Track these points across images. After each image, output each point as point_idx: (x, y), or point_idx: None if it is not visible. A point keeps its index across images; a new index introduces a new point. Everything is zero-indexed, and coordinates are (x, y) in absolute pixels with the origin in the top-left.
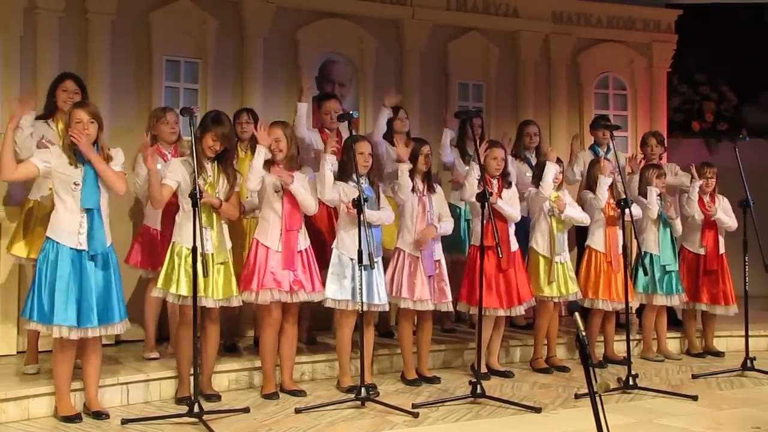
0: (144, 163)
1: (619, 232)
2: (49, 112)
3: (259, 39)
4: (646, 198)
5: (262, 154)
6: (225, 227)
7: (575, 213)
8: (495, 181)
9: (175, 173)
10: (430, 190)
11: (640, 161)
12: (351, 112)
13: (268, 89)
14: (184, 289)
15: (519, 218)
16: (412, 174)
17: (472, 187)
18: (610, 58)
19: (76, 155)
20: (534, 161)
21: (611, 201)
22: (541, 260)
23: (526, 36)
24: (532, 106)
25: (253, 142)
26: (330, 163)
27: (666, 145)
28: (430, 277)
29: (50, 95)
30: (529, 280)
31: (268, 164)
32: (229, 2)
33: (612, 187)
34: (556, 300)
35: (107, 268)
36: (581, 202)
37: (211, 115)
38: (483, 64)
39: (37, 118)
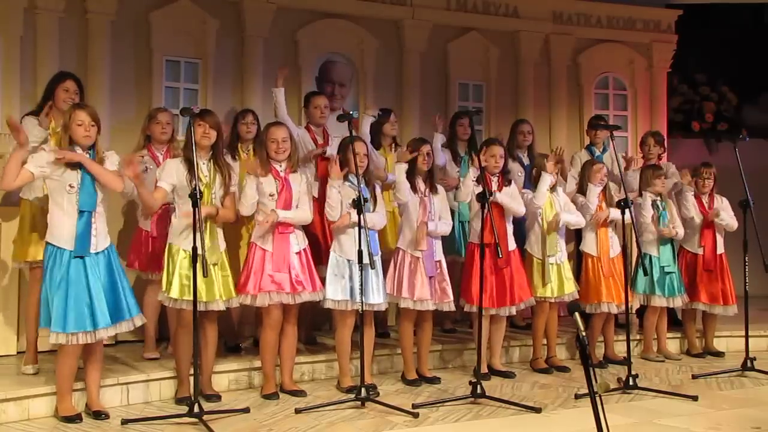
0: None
1: (612, 236)
2: (42, 109)
3: (259, 39)
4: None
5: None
6: (219, 228)
7: (570, 218)
8: (495, 179)
9: (169, 175)
10: (432, 190)
11: (636, 159)
12: (351, 112)
13: (268, 89)
14: (176, 292)
15: (523, 212)
16: (412, 174)
17: (467, 188)
18: (610, 58)
19: None
20: (526, 161)
21: (604, 206)
22: (535, 262)
23: (526, 36)
24: (532, 106)
25: (255, 143)
26: (337, 188)
27: (665, 145)
28: (431, 277)
29: (49, 93)
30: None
31: (265, 168)
32: (229, 2)
33: (605, 191)
34: (551, 300)
35: (110, 267)
36: (574, 204)
37: (197, 109)
38: (483, 64)
39: (29, 113)
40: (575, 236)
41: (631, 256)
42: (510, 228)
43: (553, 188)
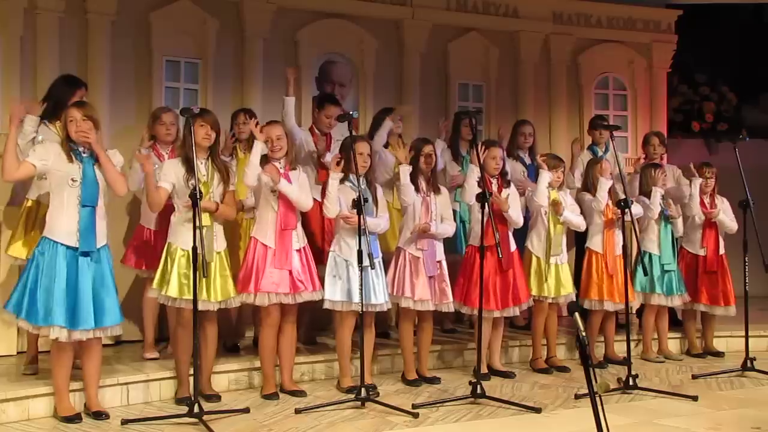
0: (141, 169)
1: (618, 235)
2: (53, 113)
3: (259, 39)
4: (648, 198)
5: (258, 149)
6: (219, 228)
7: (573, 217)
8: (494, 181)
9: (168, 175)
10: (435, 191)
11: (640, 159)
12: (351, 112)
13: (268, 89)
14: (174, 291)
15: (521, 223)
16: (414, 174)
17: (472, 188)
18: (610, 59)
19: (73, 152)
20: (528, 161)
21: (610, 203)
22: (535, 260)
23: (526, 36)
24: (532, 106)
25: (252, 142)
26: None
27: (666, 144)
28: (431, 277)
29: (66, 98)
30: (526, 280)
31: (265, 162)
32: (229, 2)
33: (611, 189)
34: (550, 300)
35: (103, 267)
36: (579, 203)
37: (197, 109)
38: (483, 64)
39: (42, 117)
40: (575, 236)
41: (630, 255)
42: (510, 229)
43: (560, 187)
